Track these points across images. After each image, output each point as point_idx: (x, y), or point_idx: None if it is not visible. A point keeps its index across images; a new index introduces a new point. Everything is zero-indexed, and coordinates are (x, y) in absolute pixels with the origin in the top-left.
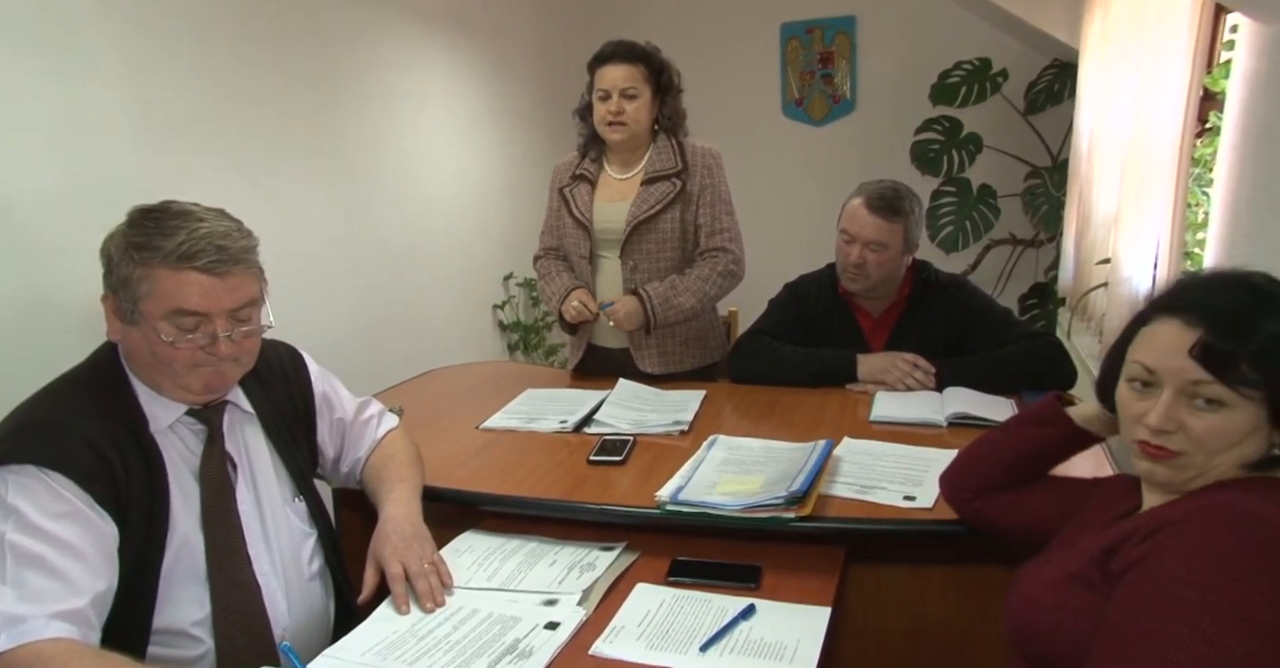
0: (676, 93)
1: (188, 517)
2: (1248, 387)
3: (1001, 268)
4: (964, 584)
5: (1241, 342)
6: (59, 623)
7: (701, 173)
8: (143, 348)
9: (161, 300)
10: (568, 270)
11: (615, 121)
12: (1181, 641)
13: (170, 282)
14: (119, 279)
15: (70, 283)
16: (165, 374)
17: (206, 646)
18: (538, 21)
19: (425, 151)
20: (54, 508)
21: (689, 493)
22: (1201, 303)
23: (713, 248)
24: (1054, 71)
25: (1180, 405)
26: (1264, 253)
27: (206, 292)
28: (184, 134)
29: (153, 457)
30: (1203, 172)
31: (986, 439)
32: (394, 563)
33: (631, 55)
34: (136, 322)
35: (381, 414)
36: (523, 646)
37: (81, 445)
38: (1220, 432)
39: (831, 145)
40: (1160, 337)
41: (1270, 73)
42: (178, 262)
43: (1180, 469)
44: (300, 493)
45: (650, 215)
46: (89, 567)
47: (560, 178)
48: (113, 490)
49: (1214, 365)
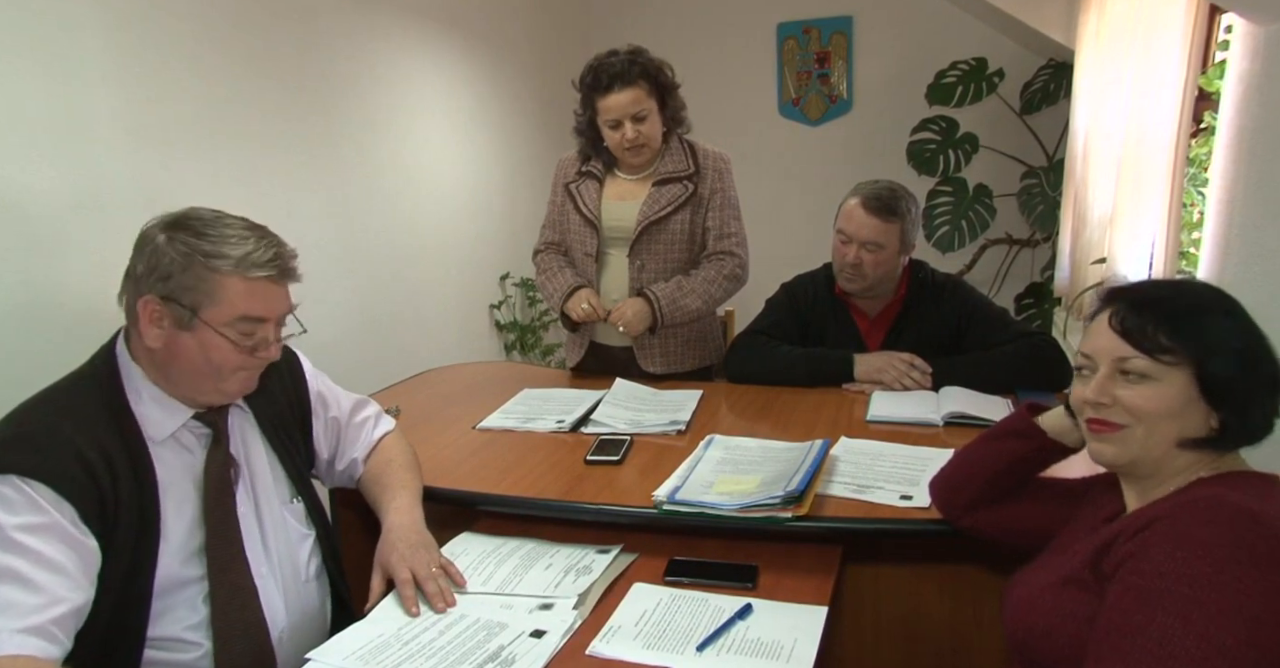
0: (674, 89)
1: (181, 522)
2: (1165, 354)
3: (997, 268)
4: (961, 583)
5: (1154, 312)
6: (23, 638)
7: (713, 177)
8: (193, 353)
9: (229, 307)
10: (569, 267)
11: (634, 146)
12: (1172, 634)
13: (240, 290)
14: (179, 287)
15: (68, 284)
16: (209, 378)
17: (204, 649)
18: (534, 20)
19: (421, 151)
20: (32, 520)
21: (686, 493)
22: (1130, 287)
23: (720, 251)
24: (1049, 71)
25: (1113, 380)
26: (1258, 252)
27: (271, 299)
28: (181, 135)
29: (143, 466)
30: (1197, 171)
31: (965, 455)
32: (402, 569)
33: (630, 77)
34: (193, 328)
35: (378, 416)
36: (506, 653)
37: (69, 456)
38: (1149, 402)
39: (828, 145)
40: (1092, 326)
41: (1264, 73)
42: (250, 269)
43: (1124, 444)
44: (298, 494)
45: (662, 216)
46: (64, 581)
47: (565, 173)
48: (98, 503)
49: (1132, 336)
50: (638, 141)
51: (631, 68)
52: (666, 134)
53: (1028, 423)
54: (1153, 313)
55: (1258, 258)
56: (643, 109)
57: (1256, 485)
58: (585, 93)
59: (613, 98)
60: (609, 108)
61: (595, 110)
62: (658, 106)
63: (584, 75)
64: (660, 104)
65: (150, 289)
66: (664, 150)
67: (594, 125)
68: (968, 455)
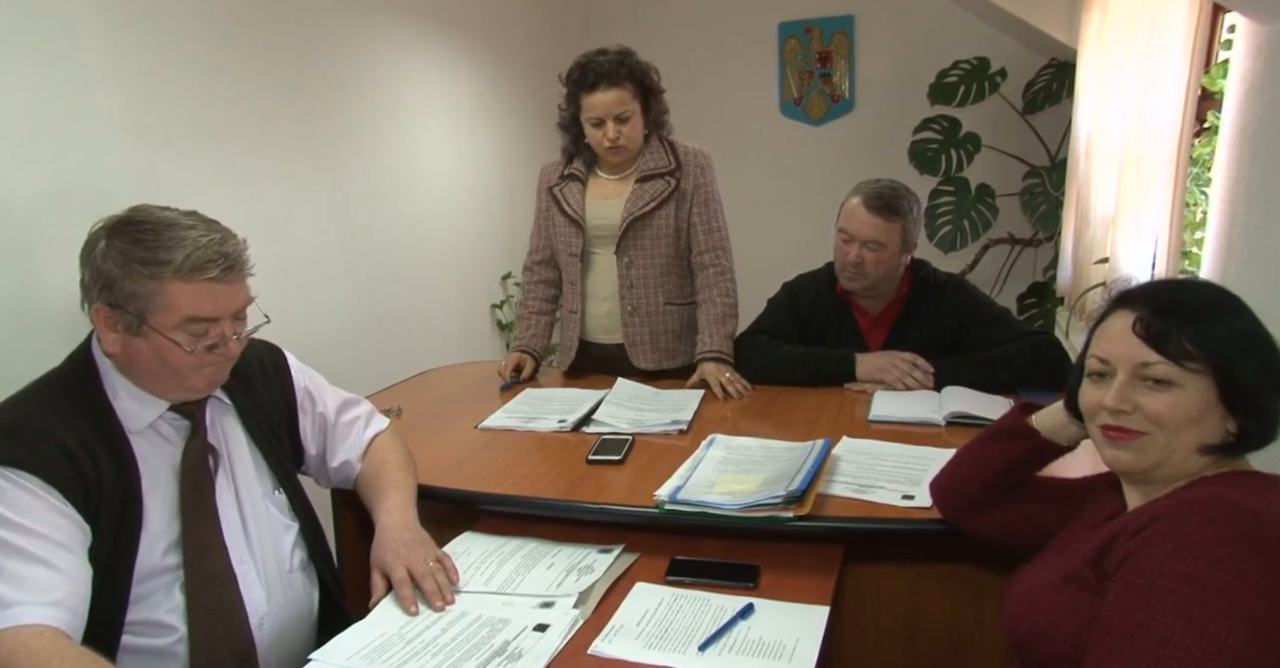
0: (659, 93)
1: (161, 511)
2: (1190, 361)
3: (1000, 267)
4: (962, 583)
5: (1179, 318)
6: (48, 610)
7: (695, 172)
8: (148, 357)
9: (175, 311)
10: (540, 312)
11: (615, 146)
12: (1173, 633)
13: (184, 293)
14: (123, 295)
15: (58, 284)
16: (171, 379)
17: (180, 633)
18: (534, 19)
19: (422, 150)
20: (28, 504)
21: (688, 492)
22: (1147, 291)
23: (708, 265)
24: (1052, 71)
25: (1134, 387)
26: (1262, 252)
27: (218, 299)
28: (177, 135)
29: (124, 455)
30: (1201, 171)
31: (961, 458)
32: (398, 568)
33: (617, 78)
34: (143, 333)
35: (370, 415)
36: (511, 648)
37: (51, 447)
38: (1174, 409)
39: (829, 145)
40: (1110, 328)
41: (1268, 72)
42: (190, 273)
43: (1144, 452)
44: (280, 486)
45: (646, 212)
46: (73, 559)
47: (548, 178)
48: (82, 492)
49: (1156, 341)
50: (618, 142)
51: (619, 68)
52: (647, 135)
53: (1021, 423)
54: (1178, 318)
55: (1260, 257)
56: (626, 110)
57: (1258, 485)
58: (571, 89)
59: (598, 96)
60: (593, 106)
61: (579, 107)
62: (641, 109)
63: (571, 71)
64: (644, 107)
65: (98, 297)
66: (644, 149)
67: (577, 121)
68: (964, 458)
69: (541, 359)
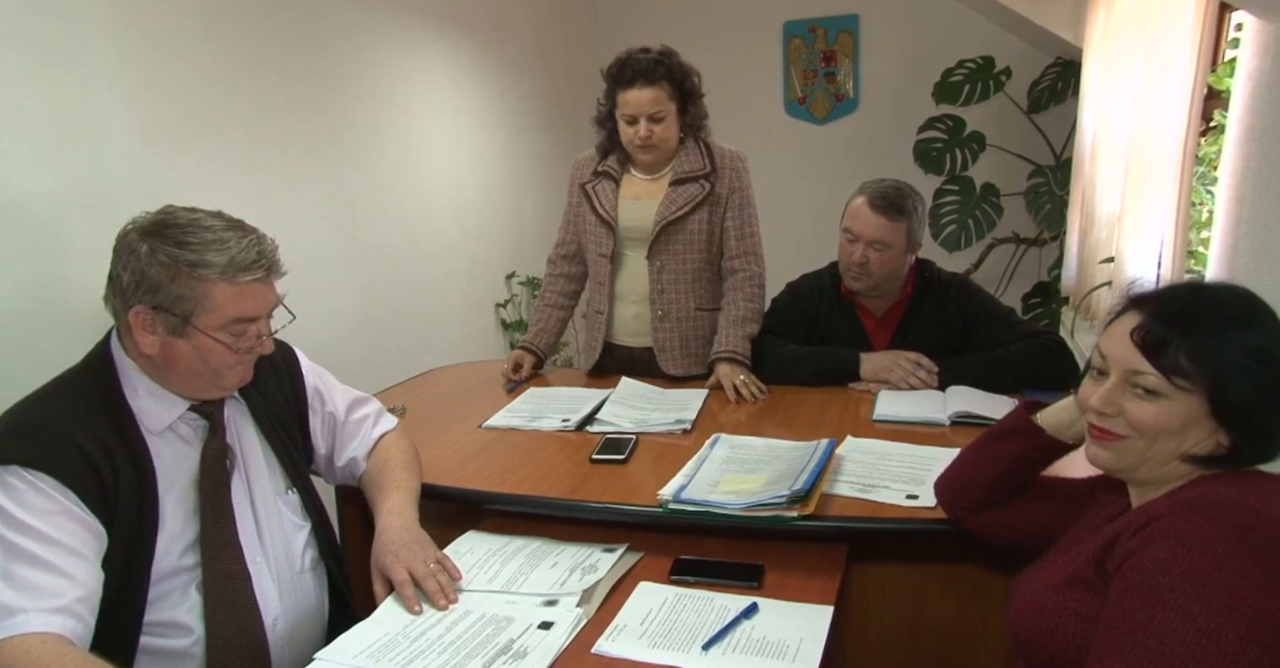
0: (698, 97)
1: (178, 512)
2: (1182, 377)
3: (1004, 267)
4: (966, 583)
5: (1180, 331)
6: (52, 617)
7: (730, 176)
8: (189, 358)
9: (219, 313)
10: (556, 306)
11: (645, 145)
12: (1173, 630)
13: (229, 295)
14: (170, 297)
15: (70, 284)
16: (210, 378)
17: (196, 634)
18: (540, 18)
19: (427, 149)
20: (42, 506)
21: (691, 492)
22: (1161, 296)
23: (738, 269)
24: (1057, 70)
25: (1122, 392)
26: (1268, 251)
27: (258, 299)
28: (184, 134)
29: (141, 457)
30: (1207, 170)
31: (966, 457)
32: (398, 569)
33: (654, 76)
34: (186, 334)
35: (379, 414)
36: (517, 646)
37: (69, 448)
38: (1155, 419)
39: (834, 144)
40: (1117, 327)
41: (1275, 71)
42: (237, 274)
43: (1122, 454)
44: (293, 485)
45: (679, 216)
46: (82, 564)
47: (581, 173)
48: (99, 493)
49: (1152, 351)
50: (650, 141)
51: (657, 68)
52: (683, 137)
53: (1026, 421)
54: (1180, 329)
55: (1267, 257)
56: (661, 110)
57: (1257, 483)
58: (609, 84)
59: (633, 93)
60: (627, 102)
61: (615, 102)
62: (677, 111)
63: (611, 66)
64: (681, 109)
65: (140, 301)
66: (680, 150)
67: (613, 117)
68: (969, 457)
69: (544, 357)
